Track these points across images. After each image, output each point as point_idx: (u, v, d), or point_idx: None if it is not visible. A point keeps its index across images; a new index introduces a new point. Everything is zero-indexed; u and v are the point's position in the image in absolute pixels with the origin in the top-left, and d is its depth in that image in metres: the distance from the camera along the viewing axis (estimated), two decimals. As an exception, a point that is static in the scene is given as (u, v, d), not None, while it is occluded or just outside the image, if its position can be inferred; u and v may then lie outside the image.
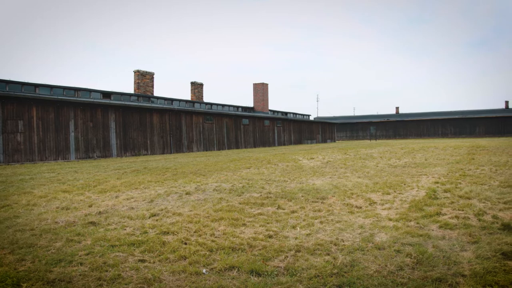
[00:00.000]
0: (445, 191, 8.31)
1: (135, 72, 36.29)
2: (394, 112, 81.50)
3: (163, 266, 4.14)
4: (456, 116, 70.75)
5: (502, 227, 5.30)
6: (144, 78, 36.38)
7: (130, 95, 33.47)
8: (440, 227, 5.46)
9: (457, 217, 5.96)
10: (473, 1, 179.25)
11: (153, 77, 37.32)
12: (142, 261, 4.30)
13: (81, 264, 4.20)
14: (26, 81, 26.04)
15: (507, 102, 71.95)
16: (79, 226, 5.84)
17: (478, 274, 3.70)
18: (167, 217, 6.40)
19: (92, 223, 6.01)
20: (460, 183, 9.41)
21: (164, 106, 32.41)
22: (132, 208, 7.17)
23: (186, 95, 75.66)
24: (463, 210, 6.41)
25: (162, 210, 6.92)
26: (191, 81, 45.09)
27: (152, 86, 37.23)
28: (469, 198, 7.41)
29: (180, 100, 39.20)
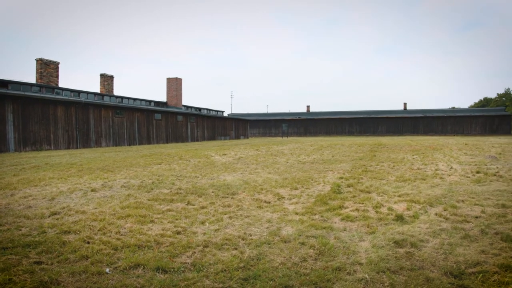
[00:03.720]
0: (348, 186, 8.82)
1: (37, 60, 33.67)
2: (305, 110, 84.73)
3: (62, 267, 3.90)
4: (362, 116, 75.43)
5: (396, 218, 5.75)
6: (48, 68, 33.93)
7: (31, 85, 31.03)
8: (342, 219, 5.77)
9: (357, 210, 6.35)
10: (381, 9, 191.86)
11: (58, 67, 34.95)
12: (39, 263, 4.01)
13: (-34, 268, 3.82)
14: None
15: (405, 104, 78.24)
16: (-35, 227, 5.29)
17: (373, 261, 3.98)
18: (70, 215, 6.04)
19: (-18, 223, 5.49)
20: (362, 178, 10.04)
21: (70, 98, 30.56)
22: (30, 206, 6.67)
23: (95, 87, 71.92)
24: (363, 203, 6.85)
25: (64, 208, 6.52)
26: (101, 73, 43.01)
27: (57, 77, 34.87)
28: (369, 192, 7.94)
29: (88, 93, 37.20)
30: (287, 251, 4.34)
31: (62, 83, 38.46)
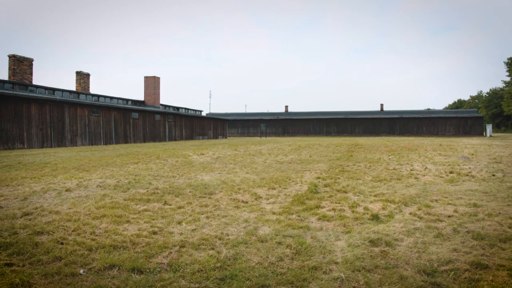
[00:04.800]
0: (326, 185, 8.89)
1: (10, 57, 32.77)
2: (283, 110, 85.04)
3: (34, 269, 3.81)
4: (339, 116, 76.17)
5: (371, 217, 5.83)
6: (21, 65, 33.09)
7: (3, 82, 30.16)
8: (319, 219, 5.82)
9: (334, 209, 6.41)
10: (358, 10, 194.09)
11: (32, 64, 34.13)
12: (9, 265, 3.91)
13: None
14: None
15: (382, 105, 79.41)
16: None
17: (348, 260, 4.03)
18: (43, 216, 5.91)
19: (-50, 224, 5.32)
20: (339, 178, 10.14)
21: (45, 96, 29.89)
22: (1, 207, 6.50)
23: (71, 85, 70.61)
24: (339, 203, 6.92)
25: (37, 208, 6.37)
26: (77, 70, 42.23)
27: (31, 74, 34.03)
28: (345, 192, 8.02)
29: (63, 91, 36.44)
30: (264, 251, 4.35)
31: (36, 81, 37.65)
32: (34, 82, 34.32)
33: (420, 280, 3.53)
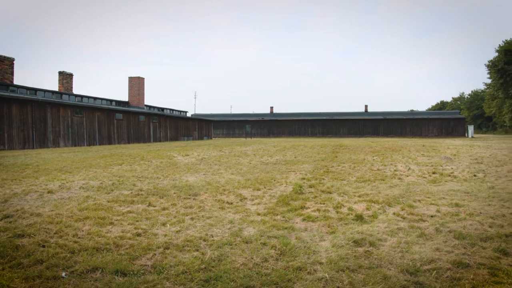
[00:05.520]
0: (310, 186, 8.93)
1: (-10, 56, 32.22)
2: (269, 111, 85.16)
3: (14, 272, 3.74)
4: (324, 117, 76.60)
5: (355, 218, 5.87)
6: (2, 64, 32.51)
7: (-17, 82, 29.63)
8: (304, 219, 5.84)
9: (318, 210, 6.44)
10: (344, 13, 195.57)
11: (13, 63, 33.55)
12: (-11, 268, 3.83)
13: None
14: None
15: (366, 106, 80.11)
16: None
17: (333, 261, 4.04)
18: (24, 218, 5.81)
19: None
20: (323, 179, 10.19)
21: (26, 96, 29.41)
22: (-19, 209, 6.37)
23: (54, 86, 69.65)
24: (324, 204, 6.95)
25: (17, 210, 6.26)
26: (60, 70, 41.65)
27: (12, 74, 33.45)
28: (330, 193, 8.06)
29: (45, 91, 35.92)
30: (249, 252, 4.35)
31: (17, 81, 37.04)
32: (15, 82, 33.77)
33: (403, 280, 3.57)
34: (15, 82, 33.75)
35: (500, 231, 5.03)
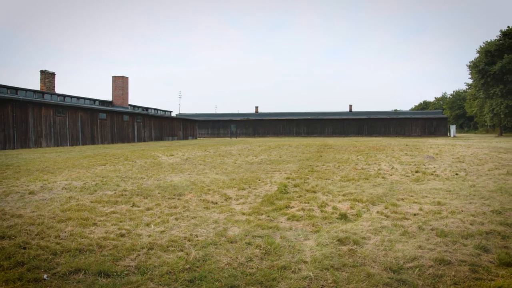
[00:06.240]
0: (295, 185, 8.96)
1: (-31, 55, 31.53)
2: (254, 111, 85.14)
3: (-6, 274, 3.67)
4: (309, 117, 76.90)
5: (340, 216, 5.91)
6: (-19, 63, 31.86)
7: (-38, 81, 28.99)
8: (288, 219, 5.85)
9: (303, 209, 6.46)
10: (329, 12, 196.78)
11: (-7, 63, 32.90)
12: (-32, 270, 3.75)
13: None
14: None
15: (351, 106, 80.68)
16: None
17: (317, 259, 4.07)
18: (4, 219, 5.71)
19: None
20: (308, 178, 10.24)
21: (7, 95, 28.88)
22: (-40, 211, 6.24)
23: (35, 85, 68.57)
24: (308, 203, 6.98)
25: (-2, 212, 6.15)
26: (41, 69, 41.03)
27: (-8, 73, 32.81)
28: (314, 192, 8.10)
29: (27, 90, 35.37)
30: (234, 252, 4.34)
31: (-2, 80, 36.30)
32: (-4, 81, 33.11)
33: (386, 277, 3.60)
34: (-4, 81, 33.10)
35: (480, 229, 5.12)
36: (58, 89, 50.65)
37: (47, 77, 41.35)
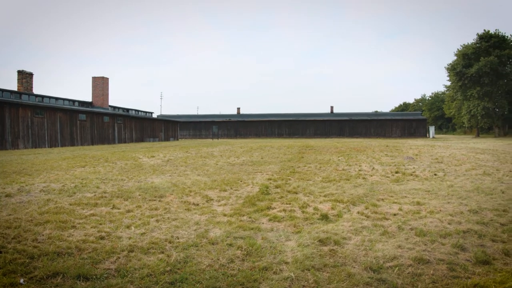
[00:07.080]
0: (277, 186, 8.98)
1: None
2: (236, 112, 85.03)
3: (-31, 279, 3.58)
4: (291, 118, 77.17)
5: (321, 217, 5.95)
6: (-44, 63, 31.08)
7: None
8: (270, 220, 5.86)
9: (284, 210, 6.48)
10: (311, 13, 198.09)
11: (-32, 63, 32.13)
12: None
13: None
14: None
15: (332, 107, 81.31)
16: None
17: (298, 260, 4.08)
18: (-20, 223, 5.57)
19: None
20: (290, 179, 10.27)
21: (-17, 96, 28.24)
22: None
23: (12, 85, 67.17)
24: (290, 204, 7.00)
25: (-27, 215, 6.00)
26: (19, 69, 40.22)
27: (-33, 73, 32.04)
28: (296, 193, 8.13)
29: (3, 90, 34.64)
30: (215, 253, 4.33)
31: (-27, 80, 35.47)
32: (-28, 81, 32.37)
33: (366, 277, 3.64)
34: (-29, 81, 32.36)
35: (458, 228, 5.22)
36: (36, 90, 49.75)
37: (25, 77, 40.56)
